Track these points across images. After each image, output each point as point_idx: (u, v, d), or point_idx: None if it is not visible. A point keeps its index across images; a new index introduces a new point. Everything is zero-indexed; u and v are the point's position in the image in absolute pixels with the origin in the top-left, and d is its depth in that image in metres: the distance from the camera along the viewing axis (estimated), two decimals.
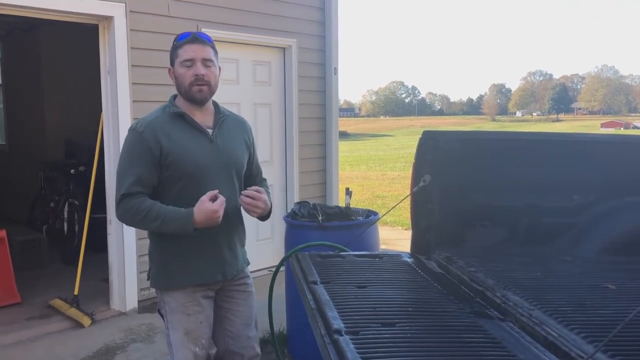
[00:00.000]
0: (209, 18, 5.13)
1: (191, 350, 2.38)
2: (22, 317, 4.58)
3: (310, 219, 3.61)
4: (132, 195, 2.25)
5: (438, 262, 2.64)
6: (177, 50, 2.34)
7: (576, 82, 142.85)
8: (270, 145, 5.94)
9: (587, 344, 1.61)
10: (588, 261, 2.60)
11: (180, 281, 2.36)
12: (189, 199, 2.28)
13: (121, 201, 2.27)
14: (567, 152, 2.84)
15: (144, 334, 4.28)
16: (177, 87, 2.37)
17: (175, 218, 2.23)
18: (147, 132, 2.27)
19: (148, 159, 2.26)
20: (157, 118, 2.33)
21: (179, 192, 2.32)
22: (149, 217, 2.23)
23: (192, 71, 2.30)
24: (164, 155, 2.27)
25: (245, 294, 2.56)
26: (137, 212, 2.24)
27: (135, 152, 2.28)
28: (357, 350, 1.57)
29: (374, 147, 35.57)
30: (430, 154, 2.75)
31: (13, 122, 8.35)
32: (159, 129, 2.29)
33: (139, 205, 2.24)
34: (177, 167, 2.29)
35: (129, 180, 2.25)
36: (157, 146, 2.26)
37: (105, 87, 4.66)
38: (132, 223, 2.34)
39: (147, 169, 2.27)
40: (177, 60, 2.34)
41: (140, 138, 2.27)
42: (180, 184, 2.32)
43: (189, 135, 2.34)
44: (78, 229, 5.89)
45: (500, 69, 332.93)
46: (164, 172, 2.30)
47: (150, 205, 2.25)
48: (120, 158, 2.37)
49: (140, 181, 2.26)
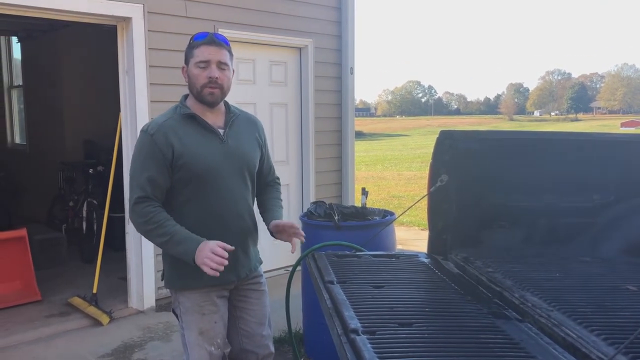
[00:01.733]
0: (226, 18, 5.16)
1: (206, 349, 2.38)
2: (42, 315, 4.65)
3: (327, 218, 3.61)
4: (147, 199, 2.25)
5: (455, 263, 2.63)
6: (193, 50, 2.33)
7: (595, 81, 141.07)
8: (286, 145, 5.95)
9: (608, 345, 1.59)
10: (608, 262, 2.57)
11: (195, 282, 2.35)
12: (200, 201, 2.31)
13: (136, 204, 2.25)
14: (586, 151, 2.81)
15: (162, 332, 4.31)
16: (190, 86, 2.36)
17: (182, 242, 2.21)
18: (159, 134, 2.26)
19: (160, 162, 2.26)
20: (168, 120, 2.32)
21: (189, 194, 2.32)
22: (158, 231, 2.22)
23: (207, 73, 2.29)
24: (176, 157, 2.26)
25: (259, 293, 2.57)
26: (149, 221, 2.23)
27: (147, 154, 2.27)
28: (374, 350, 1.57)
29: (390, 147, 35.47)
30: (448, 154, 2.73)
31: (33, 123, 8.46)
32: (170, 131, 2.28)
33: (153, 215, 2.23)
34: (189, 169, 2.28)
35: (142, 183, 2.25)
36: (169, 149, 2.26)
37: (123, 88, 4.71)
38: (139, 229, 2.31)
39: (159, 171, 2.26)
40: (192, 60, 2.32)
41: (152, 140, 2.26)
42: (191, 186, 2.31)
43: (200, 137, 2.32)
44: (96, 228, 5.96)
45: (518, 68, 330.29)
46: (176, 174, 2.29)
47: (164, 219, 2.23)
48: (132, 160, 2.35)
49: (153, 184, 2.26)
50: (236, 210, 2.40)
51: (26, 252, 5.01)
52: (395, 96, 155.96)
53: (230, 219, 2.39)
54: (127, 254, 4.84)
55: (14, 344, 4.09)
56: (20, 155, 8.72)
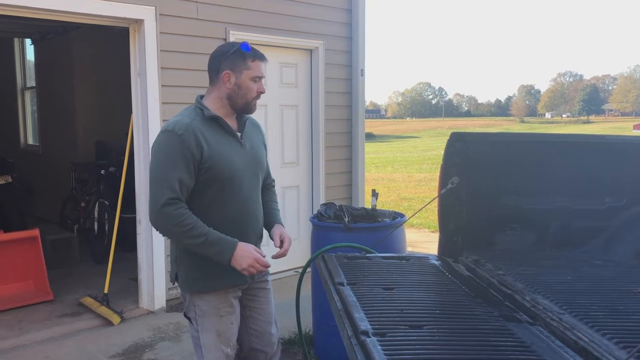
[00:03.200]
0: (237, 20, 5.18)
1: (223, 351, 2.41)
2: (55, 314, 4.69)
3: (336, 220, 3.61)
4: (179, 201, 2.23)
5: (466, 265, 2.62)
6: (248, 62, 2.36)
7: (608, 83, 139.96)
8: (296, 146, 5.96)
9: (620, 349, 1.58)
10: (620, 265, 2.55)
11: (216, 283, 2.37)
12: (224, 203, 2.33)
13: (166, 206, 2.20)
14: (599, 154, 2.79)
15: (172, 332, 4.33)
16: (234, 95, 2.38)
17: (216, 243, 2.23)
18: (188, 135, 2.25)
19: (189, 163, 2.24)
20: (194, 121, 2.30)
21: (213, 196, 2.33)
22: (192, 232, 2.21)
23: (257, 87, 2.39)
24: (205, 159, 2.27)
25: (266, 291, 2.61)
26: (181, 223, 2.20)
27: (176, 155, 2.24)
28: (385, 352, 1.57)
29: (400, 149, 35.40)
30: (459, 156, 2.72)
31: (46, 124, 8.54)
32: (198, 133, 2.27)
33: (186, 217, 2.21)
34: (214, 171, 2.29)
35: (173, 184, 2.22)
36: (199, 150, 2.25)
37: (135, 89, 4.74)
38: (168, 231, 2.27)
39: (188, 173, 2.25)
40: (246, 72, 2.36)
41: (181, 141, 2.24)
42: (215, 188, 2.32)
43: (223, 140, 2.35)
44: (108, 229, 6.00)
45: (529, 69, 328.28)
46: (201, 176, 2.28)
47: (196, 221, 2.23)
48: (156, 160, 2.29)
49: (182, 185, 2.24)
50: (254, 213, 2.47)
51: (39, 252, 5.06)
52: (405, 98, 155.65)
53: (249, 221, 2.44)
54: (138, 254, 4.87)
55: (27, 343, 4.13)
56: (33, 156, 8.80)
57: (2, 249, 4.93)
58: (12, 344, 4.09)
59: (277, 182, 5.68)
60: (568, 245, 2.73)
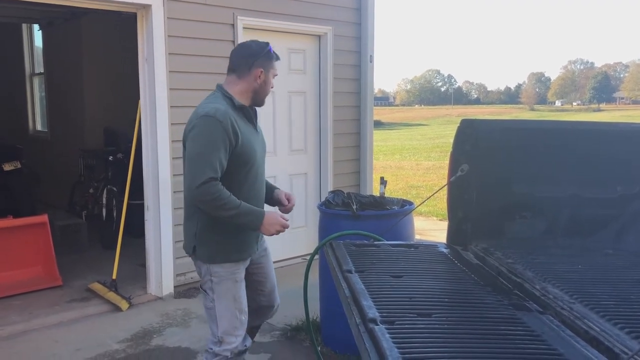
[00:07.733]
0: (245, 6, 5.14)
1: (237, 317, 2.66)
2: (63, 300, 4.72)
3: (344, 207, 3.60)
4: (217, 180, 2.48)
5: (475, 253, 2.60)
6: (273, 63, 2.71)
7: (619, 71, 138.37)
8: (304, 133, 5.93)
9: (632, 339, 1.56)
10: (631, 254, 2.52)
11: (238, 255, 2.68)
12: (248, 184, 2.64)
13: (206, 183, 2.44)
14: (610, 141, 2.75)
15: (180, 318, 4.35)
16: (260, 90, 2.69)
17: (250, 212, 2.53)
18: (227, 121, 2.50)
19: (227, 147, 2.51)
20: (228, 109, 2.56)
21: (241, 178, 2.61)
22: (228, 205, 2.47)
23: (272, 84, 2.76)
24: (238, 145, 2.54)
25: (267, 258, 2.96)
26: (219, 198, 2.45)
27: (218, 138, 2.48)
28: (393, 340, 1.56)
29: (409, 137, 35.26)
30: (469, 143, 2.70)
31: (54, 111, 8.55)
32: (234, 121, 2.54)
33: (221, 192, 2.46)
34: (242, 155, 2.57)
35: (215, 164, 2.46)
36: (235, 136, 2.52)
37: (143, 75, 4.72)
38: (209, 206, 2.49)
39: (225, 155, 2.51)
40: (272, 71, 2.71)
41: (222, 126, 2.48)
42: (243, 170, 2.61)
43: (247, 128, 2.65)
44: (116, 215, 6.02)
45: (540, 57, 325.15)
46: (234, 159, 2.55)
47: (229, 195, 2.49)
48: (199, 142, 2.51)
49: (221, 166, 2.50)
50: (263, 192, 2.83)
51: (47, 237, 5.09)
52: (414, 85, 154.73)
53: (261, 200, 2.81)
54: (146, 241, 4.89)
55: (36, 327, 4.16)
56: (41, 142, 8.82)
57: (11, 234, 4.96)
58: (22, 329, 4.13)
59: (285, 169, 5.73)
60: (579, 233, 2.70)
